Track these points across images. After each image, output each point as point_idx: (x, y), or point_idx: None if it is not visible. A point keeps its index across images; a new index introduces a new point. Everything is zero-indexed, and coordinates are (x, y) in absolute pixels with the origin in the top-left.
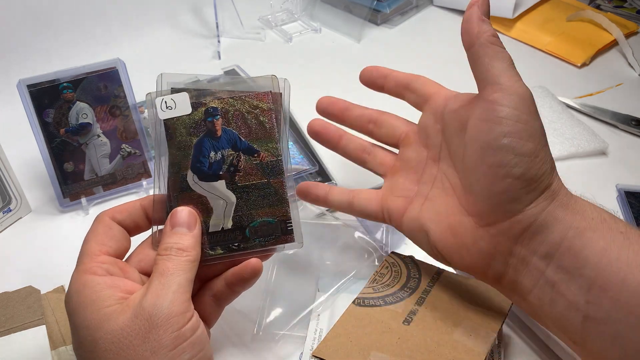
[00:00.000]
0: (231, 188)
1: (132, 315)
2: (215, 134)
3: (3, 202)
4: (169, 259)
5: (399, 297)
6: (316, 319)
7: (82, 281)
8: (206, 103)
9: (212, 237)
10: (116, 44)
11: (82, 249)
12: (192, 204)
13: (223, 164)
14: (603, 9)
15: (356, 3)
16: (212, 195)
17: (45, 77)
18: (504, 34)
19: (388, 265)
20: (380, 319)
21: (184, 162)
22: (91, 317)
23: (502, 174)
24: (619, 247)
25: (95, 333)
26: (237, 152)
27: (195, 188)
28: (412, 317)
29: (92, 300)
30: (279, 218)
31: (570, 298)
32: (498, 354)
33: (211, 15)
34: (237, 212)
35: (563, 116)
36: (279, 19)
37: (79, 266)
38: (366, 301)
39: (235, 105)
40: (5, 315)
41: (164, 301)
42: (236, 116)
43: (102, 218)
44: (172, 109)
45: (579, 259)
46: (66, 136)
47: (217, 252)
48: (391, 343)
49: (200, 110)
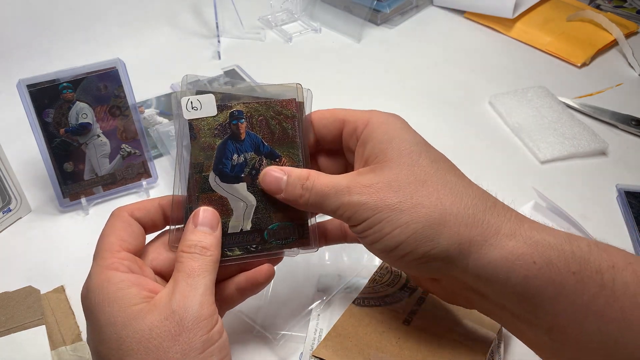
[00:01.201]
0: (252, 191)
1: (161, 317)
2: (239, 137)
3: (3, 202)
4: (194, 257)
5: (399, 297)
6: (316, 319)
7: (105, 277)
8: (231, 106)
9: (230, 239)
10: (116, 44)
11: (101, 243)
12: (213, 205)
13: (245, 167)
14: (603, 9)
15: (356, 3)
16: (233, 197)
17: (45, 77)
18: (504, 34)
19: (388, 265)
20: (380, 319)
21: (206, 163)
22: (117, 315)
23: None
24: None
25: (122, 331)
26: (260, 156)
27: (217, 189)
28: (412, 317)
29: (117, 297)
30: (296, 222)
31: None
32: (498, 354)
33: (211, 15)
34: (257, 215)
35: (563, 116)
36: (279, 19)
37: (99, 261)
38: (366, 301)
39: (260, 110)
40: (5, 315)
41: (193, 304)
42: (260, 121)
43: (120, 214)
44: (197, 110)
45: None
46: (66, 136)
47: (235, 254)
48: (391, 343)
49: (225, 113)
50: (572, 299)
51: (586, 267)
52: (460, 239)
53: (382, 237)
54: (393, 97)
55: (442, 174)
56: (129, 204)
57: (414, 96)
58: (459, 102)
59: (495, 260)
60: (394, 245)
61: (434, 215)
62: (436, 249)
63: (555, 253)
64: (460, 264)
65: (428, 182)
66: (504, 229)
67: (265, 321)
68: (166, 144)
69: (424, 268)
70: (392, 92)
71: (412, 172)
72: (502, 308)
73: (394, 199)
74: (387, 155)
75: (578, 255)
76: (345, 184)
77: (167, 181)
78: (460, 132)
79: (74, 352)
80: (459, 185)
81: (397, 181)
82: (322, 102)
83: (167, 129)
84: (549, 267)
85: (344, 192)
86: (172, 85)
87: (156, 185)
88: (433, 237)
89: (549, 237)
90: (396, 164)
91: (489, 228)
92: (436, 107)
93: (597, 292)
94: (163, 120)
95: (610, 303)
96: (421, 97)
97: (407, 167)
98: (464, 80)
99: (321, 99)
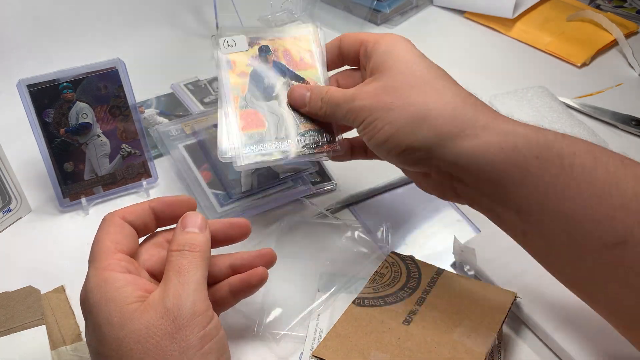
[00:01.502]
0: (282, 106)
1: (156, 316)
2: (268, 65)
3: (3, 202)
4: (183, 255)
5: (399, 297)
6: (316, 319)
7: (102, 277)
8: (259, 42)
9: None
10: (116, 44)
11: (96, 247)
12: (250, 118)
13: (275, 88)
14: (603, 9)
15: (356, 3)
16: (266, 111)
17: (45, 77)
18: (504, 34)
19: (388, 265)
20: (380, 319)
21: (242, 86)
22: (114, 315)
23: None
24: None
25: (120, 331)
26: (286, 78)
27: (253, 106)
28: (412, 317)
29: (113, 297)
30: (322, 128)
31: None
32: (498, 354)
33: (211, 15)
34: (287, 125)
35: (563, 116)
36: (279, 19)
37: (95, 264)
38: (366, 301)
39: (283, 44)
40: (5, 315)
41: (186, 301)
42: (284, 52)
43: (112, 218)
44: (232, 47)
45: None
46: (66, 136)
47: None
48: (391, 343)
49: (255, 48)
50: (534, 180)
51: (548, 152)
52: (439, 131)
53: (376, 133)
54: None
55: (432, 80)
56: (120, 209)
57: None
58: None
59: (469, 148)
60: (384, 139)
61: (417, 112)
62: (417, 141)
63: (522, 140)
64: (440, 154)
65: (418, 86)
66: (480, 121)
67: (265, 321)
68: (166, 144)
69: (410, 159)
70: None
71: (405, 77)
72: (481, 194)
73: (387, 99)
74: (387, 64)
75: (542, 142)
76: (352, 92)
77: (167, 181)
78: None
79: (74, 352)
80: (447, 88)
81: (392, 85)
82: None
83: (167, 129)
84: (514, 152)
85: (350, 99)
86: (172, 85)
87: (156, 185)
88: (415, 130)
89: (519, 128)
90: (393, 71)
91: (466, 122)
92: None
93: (557, 174)
94: (163, 120)
95: (567, 183)
96: None
97: (402, 73)
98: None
99: None
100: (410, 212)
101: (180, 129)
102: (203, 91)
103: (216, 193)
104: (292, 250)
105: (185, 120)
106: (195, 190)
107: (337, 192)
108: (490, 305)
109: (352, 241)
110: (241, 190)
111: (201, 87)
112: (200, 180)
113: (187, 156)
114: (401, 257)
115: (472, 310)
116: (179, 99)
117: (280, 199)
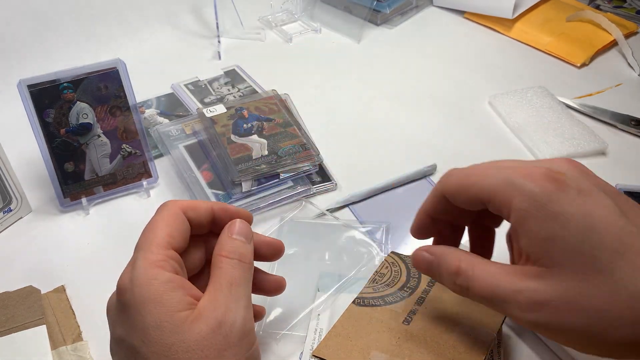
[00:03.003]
0: (261, 137)
1: (208, 328)
2: (244, 117)
3: (3, 202)
4: (235, 265)
5: (399, 296)
6: (316, 319)
7: (153, 274)
8: (234, 106)
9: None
10: (116, 44)
11: (150, 235)
12: (239, 148)
13: (253, 128)
14: (603, 9)
15: (356, 3)
16: (250, 141)
17: (45, 77)
18: (503, 34)
19: (388, 265)
20: (381, 319)
21: (227, 132)
22: (164, 319)
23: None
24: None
25: (169, 338)
26: (261, 122)
27: (237, 141)
28: (412, 316)
29: (163, 300)
30: (297, 143)
31: None
32: (498, 353)
33: (211, 16)
34: (270, 147)
35: (563, 116)
36: (279, 19)
37: (146, 254)
38: (366, 301)
39: (254, 104)
40: (6, 315)
41: (237, 317)
42: (256, 108)
43: (174, 208)
44: (214, 112)
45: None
46: (66, 136)
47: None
48: (391, 343)
49: (232, 109)
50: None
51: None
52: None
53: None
54: (393, 97)
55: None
56: (183, 200)
57: (414, 96)
58: (459, 102)
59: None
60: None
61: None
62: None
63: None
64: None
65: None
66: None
67: (265, 321)
68: (166, 144)
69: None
70: (392, 92)
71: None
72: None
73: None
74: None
75: None
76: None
77: (168, 181)
78: (460, 133)
79: (74, 351)
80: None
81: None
82: (322, 102)
83: (167, 129)
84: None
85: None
86: (172, 85)
87: (157, 185)
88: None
89: None
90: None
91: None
92: (436, 108)
93: None
94: (163, 120)
95: None
96: (421, 98)
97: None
98: (464, 80)
99: (321, 98)
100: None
101: (180, 129)
102: (203, 91)
103: (216, 193)
104: (292, 250)
105: (185, 120)
106: (195, 190)
107: (337, 192)
108: None
109: (352, 241)
110: (241, 190)
111: (201, 87)
112: (201, 180)
113: (187, 156)
114: (401, 257)
115: (472, 310)
116: (179, 99)
117: (280, 199)
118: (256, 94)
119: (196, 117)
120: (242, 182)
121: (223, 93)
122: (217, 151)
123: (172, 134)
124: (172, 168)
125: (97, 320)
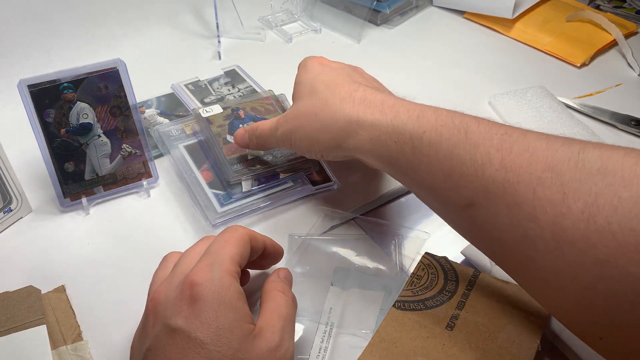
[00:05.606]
0: None
1: (268, 348)
2: (240, 117)
3: (4, 202)
4: (290, 304)
5: (439, 300)
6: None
7: (228, 281)
8: (231, 107)
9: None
10: (116, 44)
11: (226, 249)
12: (234, 148)
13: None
14: (602, 9)
15: (356, 3)
16: None
17: (45, 77)
18: (503, 34)
19: (424, 266)
20: (423, 324)
21: (223, 132)
22: (236, 326)
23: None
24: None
25: (236, 344)
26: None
27: (232, 141)
28: (455, 322)
29: (236, 307)
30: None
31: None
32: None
33: (211, 16)
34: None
35: (562, 116)
36: (279, 19)
37: (222, 264)
38: (406, 304)
39: (250, 104)
40: (6, 315)
41: (290, 346)
42: (252, 109)
43: (245, 235)
44: (210, 112)
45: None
46: (67, 136)
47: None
48: (436, 349)
49: (228, 110)
50: (398, 162)
51: (402, 136)
52: (334, 136)
53: (300, 148)
54: None
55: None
56: (250, 230)
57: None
58: (459, 102)
59: (354, 144)
60: (307, 150)
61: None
62: (326, 144)
63: (385, 130)
64: (344, 149)
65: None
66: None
67: None
68: (167, 144)
69: (331, 156)
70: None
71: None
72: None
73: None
74: (295, 91)
75: (398, 127)
76: (275, 123)
77: (168, 181)
78: None
79: (74, 351)
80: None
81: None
82: None
83: (167, 129)
84: (379, 142)
85: (275, 130)
86: (172, 85)
87: (157, 185)
88: (320, 138)
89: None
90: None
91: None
92: None
93: (411, 153)
94: (164, 120)
95: (420, 160)
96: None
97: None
98: (464, 80)
99: None
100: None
101: (180, 129)
102: (203, 91)
103: (216, 193)
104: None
105: (185, 120)
106: (196, 190)
107: (337, 192)
108: (529, 309)
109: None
110: (241, 190)
111: (201, 87)
112: (201, 180)
113: (187, 156)
114: (435, 257)
115: (513, 315)
116: (179, 99)
117: (280, 199)
118: (256, 93)
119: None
120: (242, 182)
121: (223, 93)
122: (213, 151)
123: (172, 134)
124: (172, 168)
125: (97, 320)
